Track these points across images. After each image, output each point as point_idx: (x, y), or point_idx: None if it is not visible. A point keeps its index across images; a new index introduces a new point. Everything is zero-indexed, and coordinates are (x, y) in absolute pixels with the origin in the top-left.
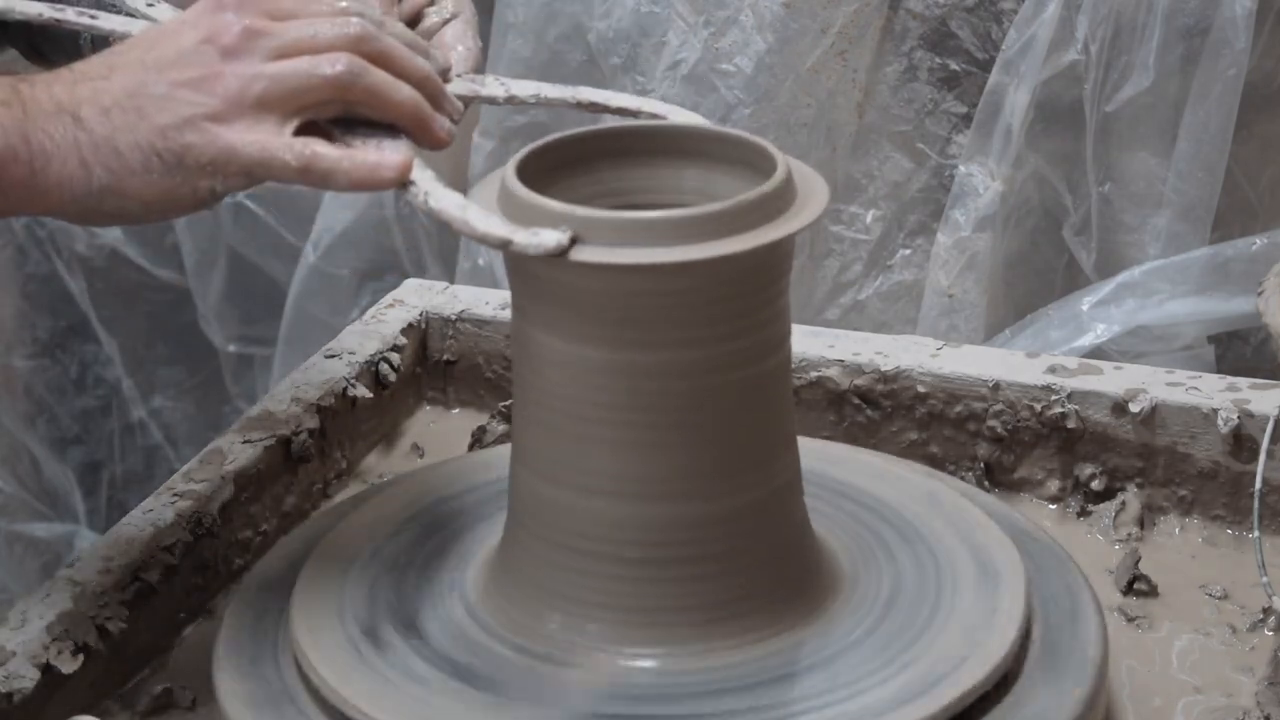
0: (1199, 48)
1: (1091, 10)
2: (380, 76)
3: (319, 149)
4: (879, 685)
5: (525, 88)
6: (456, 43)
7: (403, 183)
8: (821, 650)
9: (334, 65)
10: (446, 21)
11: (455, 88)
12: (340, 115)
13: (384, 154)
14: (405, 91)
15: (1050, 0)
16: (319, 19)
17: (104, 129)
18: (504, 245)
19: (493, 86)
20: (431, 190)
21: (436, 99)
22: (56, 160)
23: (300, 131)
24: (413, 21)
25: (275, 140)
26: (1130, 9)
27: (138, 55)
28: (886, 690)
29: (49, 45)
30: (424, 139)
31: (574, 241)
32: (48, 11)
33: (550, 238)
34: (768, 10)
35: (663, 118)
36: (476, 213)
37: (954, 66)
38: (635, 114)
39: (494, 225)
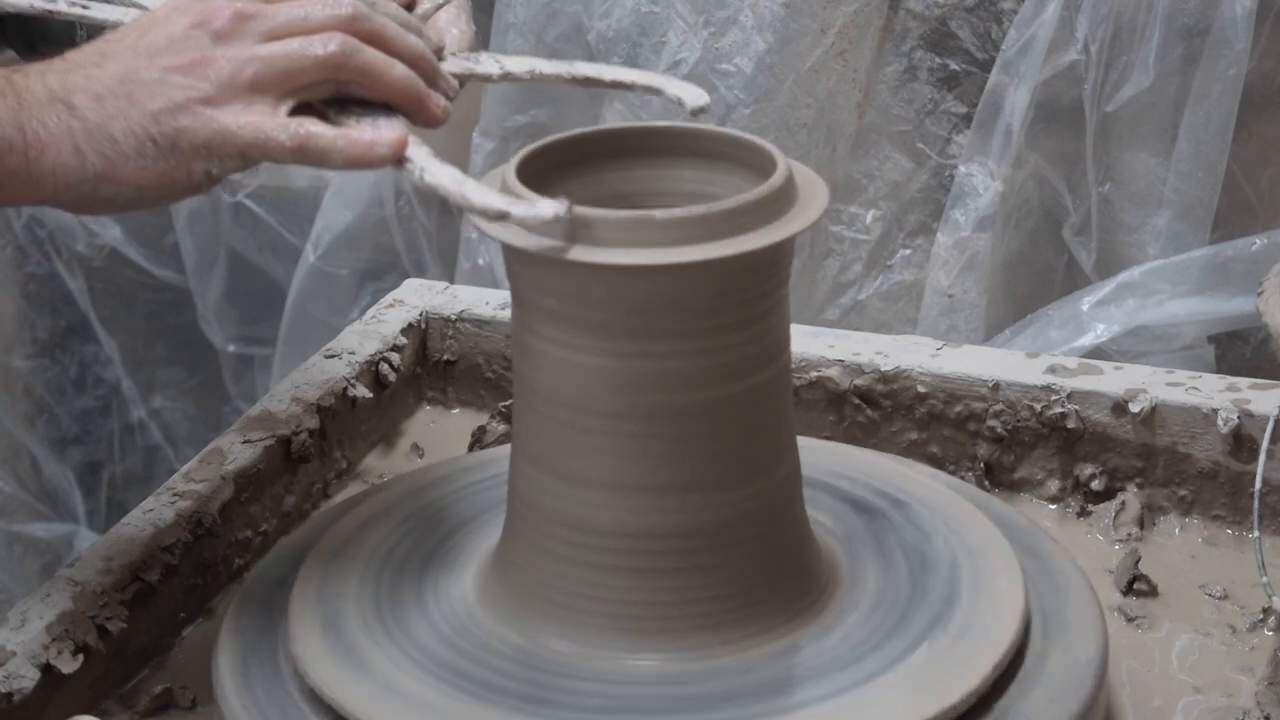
0: (1199, 48)
1: (1091, 10)
2: (373, 55)
3: (313, 128)
4: (878, 685)
5: (520, 64)
6: (451, 26)
7: (398, 159)
8: (820, 651)
9: (326, 45)
10: (440, 6)
11: (450, 66)
12: (335, 96)
13: (379, 131)
14: (399, 70)
15: (1050, 0)
16: (310, 1)
17: (97, 116)
18: (502, 216)
19: (487, 64)
20: (427, 166)
21: (431, 77)
22: (51, 148)
23: (295, 113)
24: (407, 8)
25: (269, 121)
26: (1130, 9)
27: (129, 42)
28: (885, 691)
29: (46, 44)
30: (419, 117)
31: (571, 210)
32: (39, 3)
33: (548, 207)
34: (768, 10)
35: (659, 90)
36: (474, 186)
37: (954, 66)
38: (630, 87)
39: (492, 198)
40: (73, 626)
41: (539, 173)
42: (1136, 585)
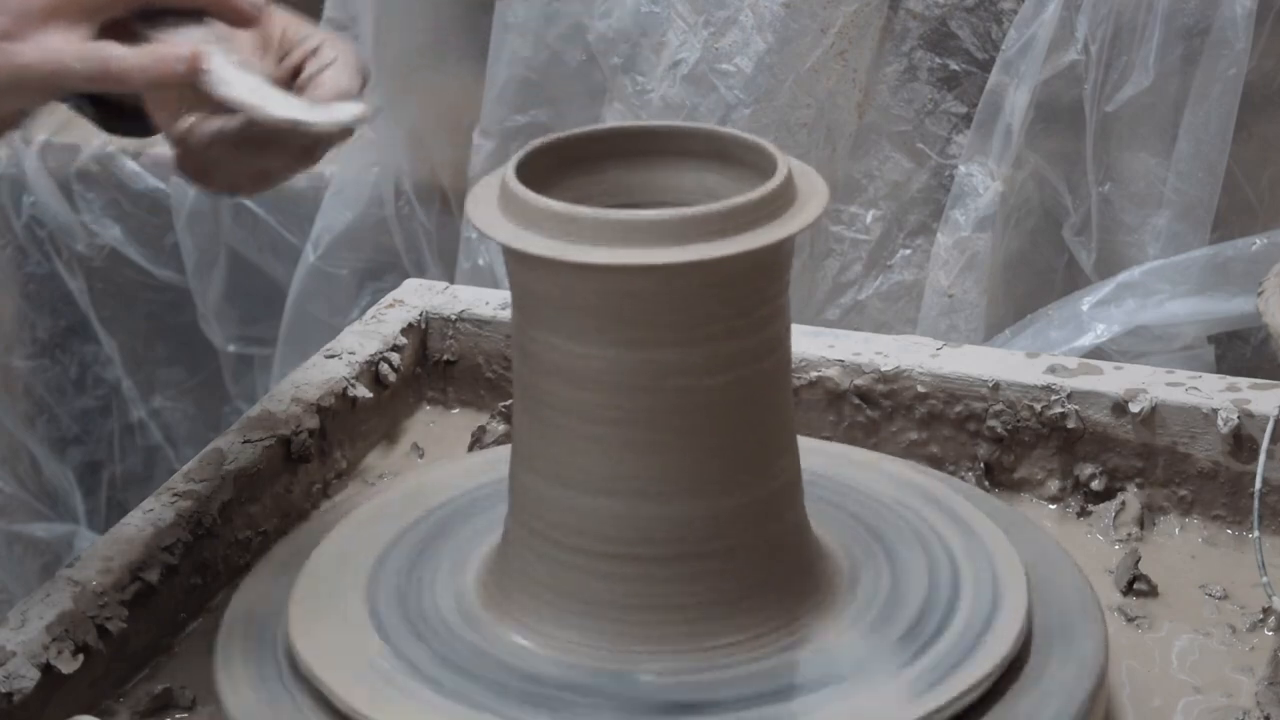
0: (1199, 48)
1: (1091, 10)
2: None
3: (112, 51)
4: (878, 686)
5: None
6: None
7: (196, 72)
8: (821, 650)
9: None
10: (325, 68)
11: None
12: (143, 8)
13: (177, 46)
14: None
15: (1050, 0)
16: None
17: None
18: (297, 126)
19: None
20: (225, 77)
21: None
22: None
23: (104, 34)
24: (296, 73)
25: (68, 49)
26: (1130, 9)
27: None
28: (886, 690)
29: None
30: (233, 18)
31: (378, 112)
32: None
33: (345, 111)
34: (768, 10)
35: None
36: (273, 96)
37: (954, 66)
38: None
39: (290, 107)
40: (73, 626)
41: (539, 173)
42: (1136, 585)
